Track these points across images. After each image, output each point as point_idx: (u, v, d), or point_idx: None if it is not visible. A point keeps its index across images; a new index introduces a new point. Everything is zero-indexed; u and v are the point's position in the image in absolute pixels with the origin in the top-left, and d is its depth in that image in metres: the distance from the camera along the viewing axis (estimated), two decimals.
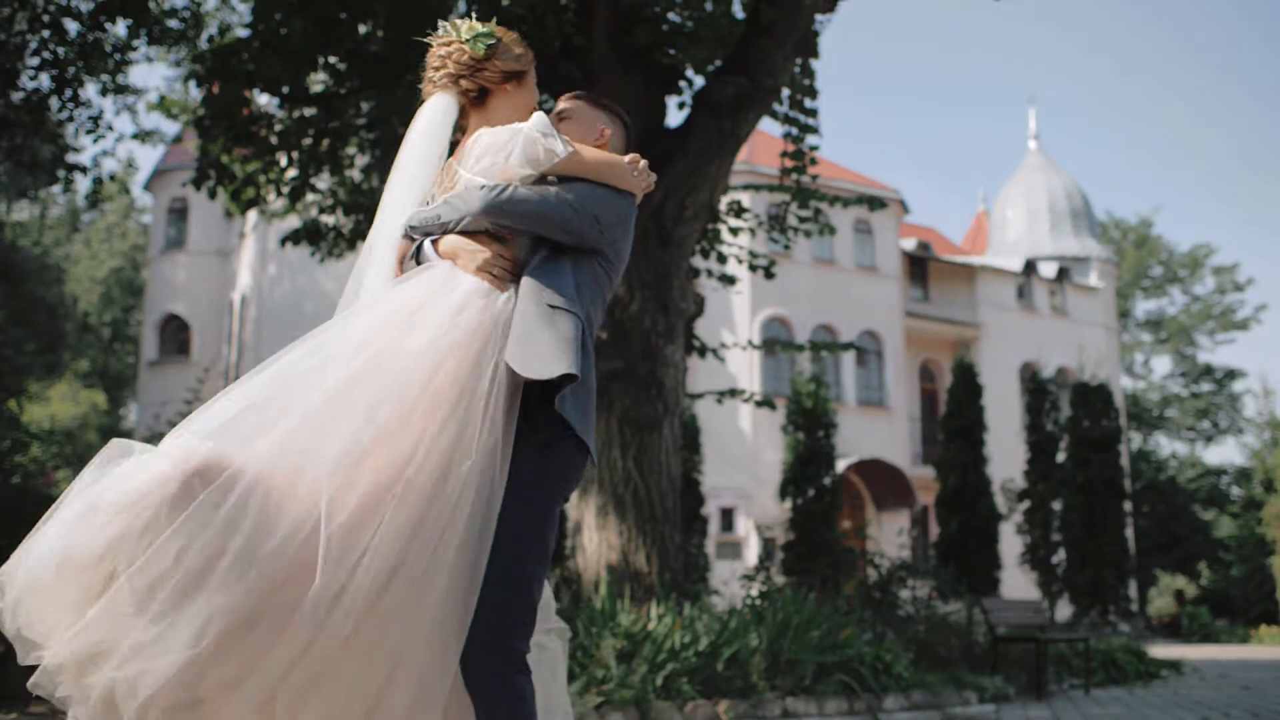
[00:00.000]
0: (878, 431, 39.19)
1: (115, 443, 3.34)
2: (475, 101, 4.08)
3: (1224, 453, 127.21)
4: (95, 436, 46.57)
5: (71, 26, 14.78)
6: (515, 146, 3.80)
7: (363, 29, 13.30)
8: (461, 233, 3.81)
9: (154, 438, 16.83)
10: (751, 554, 34.24)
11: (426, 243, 3.89)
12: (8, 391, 18.68)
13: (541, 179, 3.86)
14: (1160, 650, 22.01)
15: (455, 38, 4.10)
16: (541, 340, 3.56)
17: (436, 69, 4.12)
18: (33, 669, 3.09)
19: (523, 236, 3.81)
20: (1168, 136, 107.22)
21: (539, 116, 3.89)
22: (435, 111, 4.07)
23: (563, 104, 4.25)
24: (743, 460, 35.23)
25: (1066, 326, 45.69)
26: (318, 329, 3.64)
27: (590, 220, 3.79)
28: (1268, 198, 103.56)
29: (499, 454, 3.49)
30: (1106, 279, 48.47)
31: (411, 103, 11.59)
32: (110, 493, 3.16)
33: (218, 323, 40.82)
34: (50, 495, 17.51)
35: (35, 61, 14.82)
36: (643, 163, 3.93)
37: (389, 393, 3.42)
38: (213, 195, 14.52)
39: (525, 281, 3.70)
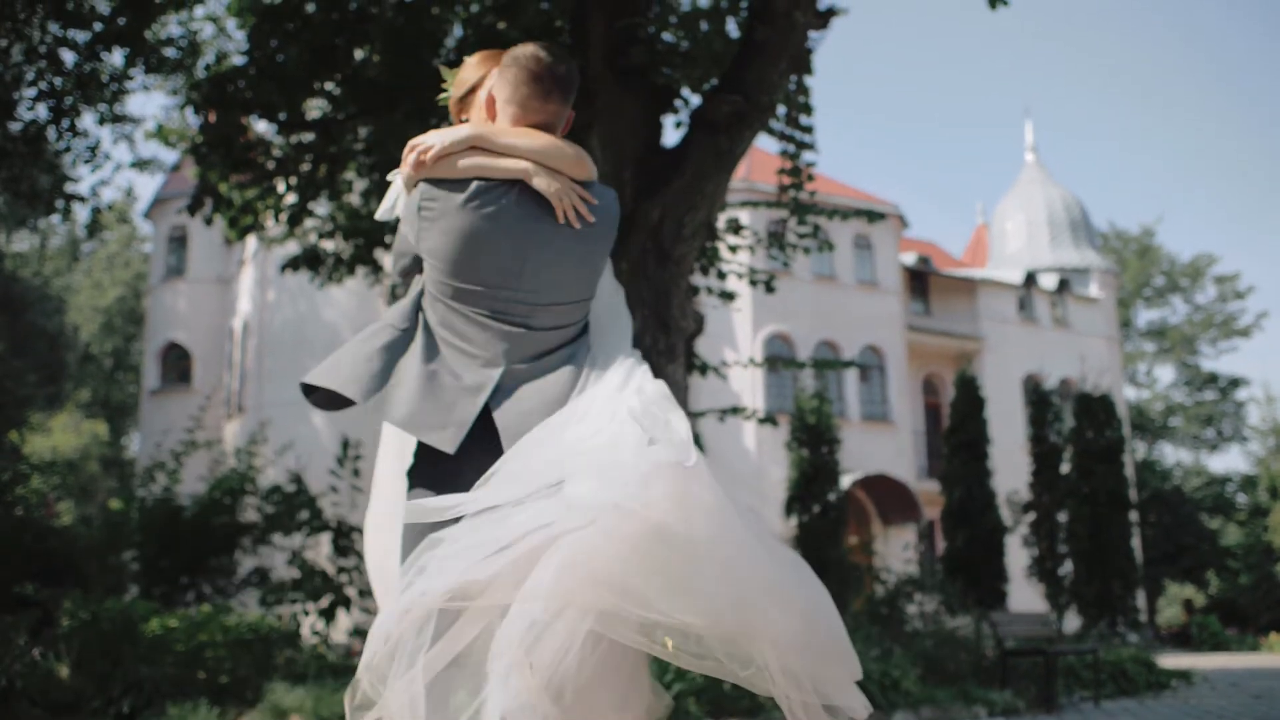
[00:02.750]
0: (882, 446, 39.16)
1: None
2: None
3: (1229, 460, 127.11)
4: (97, 467, 46.63)
5: (68, 57, 14.82)
6: None
7: (359, 55, 13.33)
8: None
9: (155, 467, 16.82)
10: None
11: None
12: (9, 423, 18.67)
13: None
14: (1170, 660, 21.96)
15: (444, 82, 4.15)
16: None
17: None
18: None
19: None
20: (1168, 145, 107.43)
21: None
22: None
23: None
24: (747, 478, 35.17)
25: (1068, 338, 45.69)
26: None
27: (403, 236, 3.78)
28: (1268, 204, 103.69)
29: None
30: (1107, 289, 48.49)
31: (409, 128, 11.60)
32: None
33: (219, 350, 40.82)
34: (51, 527, 17.51)
35: (32, 92, 14.86)
36: (415, 148, 3.71)
37: None
38: (209, 221, 14.52)
39: None
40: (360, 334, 3.72)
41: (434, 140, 3.66)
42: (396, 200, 3.91)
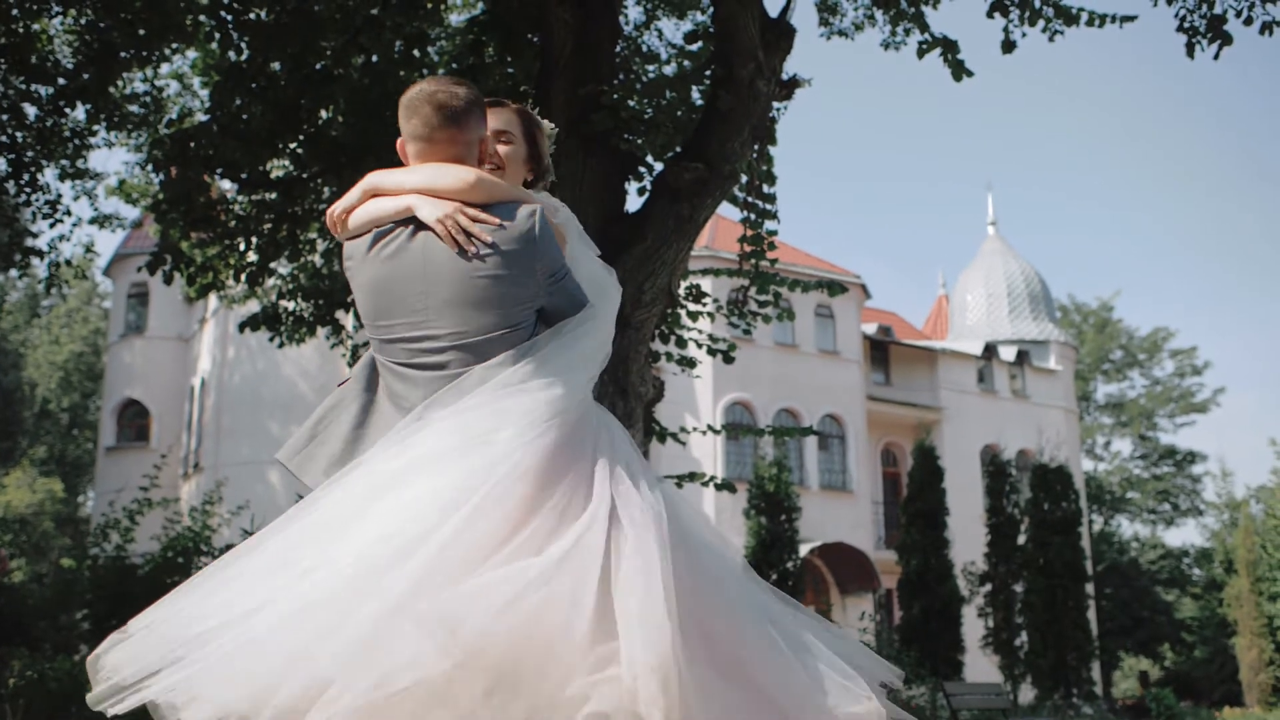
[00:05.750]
0: (840, 515, 39.16)
1: None
2: None
3: (1185, 534, 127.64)
4: (51, 525, 46.15)
5: (30, 111, 14.76)
6: None
7: (323, 115, 13.34)
8: None
9: (109, 525, 16.65)
10: None
11: None
12: None
13: None
14: None
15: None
16: None
17: None
18: None
19: None
20: (1127, 221, 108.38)
21: None
22: None
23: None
24: None
25: (1026, 409, 45.89)
26: None
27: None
28: (1224, 282, 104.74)
29: None
30: (1065, 362, 48.79)
31: None
32: None
33: (177, 408, 40.59)
34: (1, 584, 17.31)
35: None
36: (329, 215, 3.69)
37: None
38: (169, 280, 14.44)
39: None
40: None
41: (340, 202, 3.62)
42: None
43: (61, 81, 14.36)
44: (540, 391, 3.35)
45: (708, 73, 11.72)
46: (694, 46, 12.66)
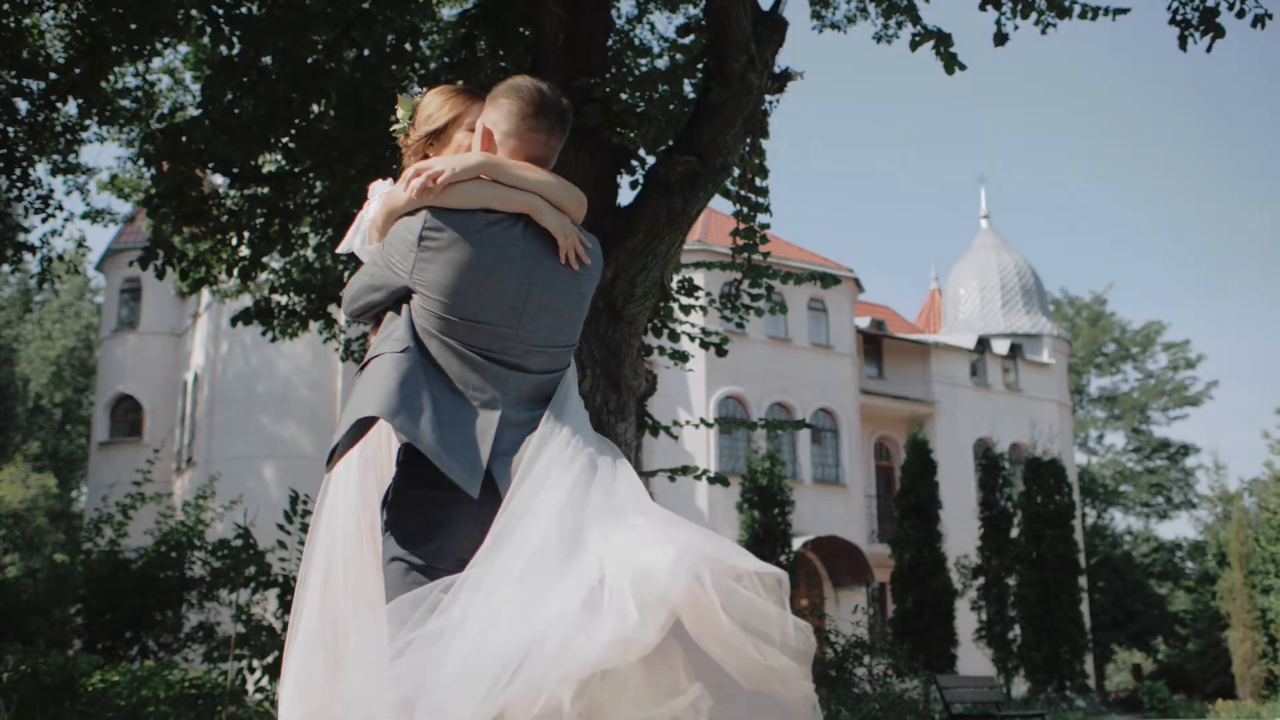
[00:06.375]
0: (834, 509, 39.18)
1: None
2: None
3: (1178, 527, 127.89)
4: (44, 519, 46.14)
5: (22, 105, 14.74)
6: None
7: (315, 109, 13.32)
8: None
9: (102, 520, 16.65)
10: None
11: None
12: None
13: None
14: None
15: (397, 121, 3.97)
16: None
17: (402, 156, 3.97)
18: None
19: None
20: (1120, 214, 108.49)
21: (373, 187, 3.82)
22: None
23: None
24: None
25: (1019, 403, 45.92)
26: None
27: (384, 269, 3.57)
28: (1217, 276, 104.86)
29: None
30: (1058, 355, 48.82)
31: (364, 183, 11.60)
32: None
33: (170, 403, 40.52)
34: None
35: None
36: (422, 173, 3.53)
37: None
38: (160, 275, 14.42)
39: None
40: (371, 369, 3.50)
41: (443, 165, 3.51)
42: (366, 232, 3.81)
43: (53, 76, 14.32)
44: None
45: (700, 66, 11.71)
46: (686, 40, 12.63)
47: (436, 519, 3.37)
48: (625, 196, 11.30)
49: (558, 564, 3.10)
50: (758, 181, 11.88)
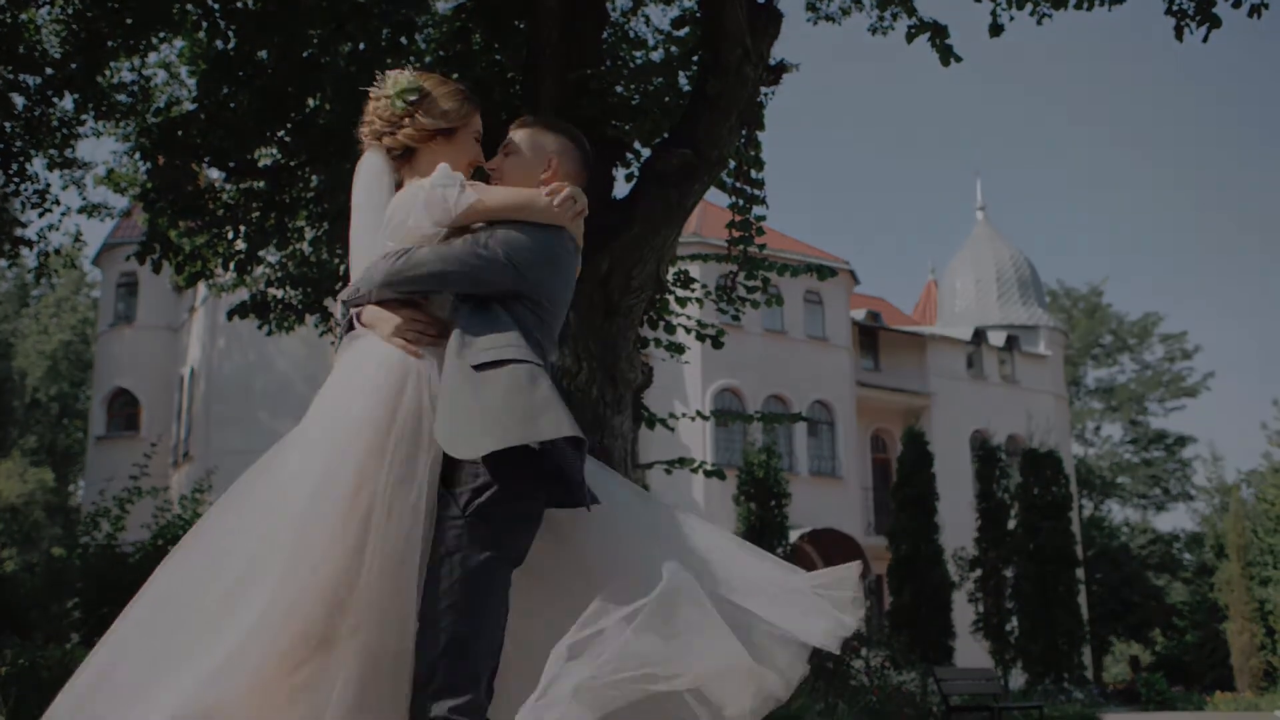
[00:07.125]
0: (830, 501, 39.19)
1: None
2: (400, 158, 3.94)
3: (1175, 519, 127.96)
4: (42, 514, 46.14)
5: (18, 100, 14.73)
6: (416, 204, 3.70)
7: (311, 103, 13.30)
8: (379, 301, 3.72)
9: (99, 514, 16.65)
10: None
11: (354, 315, 3.80)
12: None
13: (466, 229, 3.73)
14: (1116, 718, 21.99)
15: (383, 92, 3.96)
16: (466, 411, 3.45)
17: (366, 124, 4.01)
18: None
19: (439, 295, 3.71)
20: (1116, 206, 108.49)
21: (442, 168, 3.77)
22: (365, 173, 3.97)
23: (510, 133, 4.09)
24: None
25: (1016, 394, 45.93)
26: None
27: (503, 266, 3.63)
28: (1214, 267, 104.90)
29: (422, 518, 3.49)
30: (1055, 347, 48.82)
31: None
32: None
33: (167, 398, 40.51)
34: None
35: None
36: (567, 190, 3.79)
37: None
38: (157, 269, 14.41)
39: (451, 340, 3.60)
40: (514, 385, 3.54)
41: (577, 194, 3.88)
42: (443, 208, 3.74)
43: (49, 71, 14.32)
44: None
45: (695, 59, 11.71)
46: (681, 32, 12.62)
47: (524, 513, 3.58)
48: (621, 189, 11.31)
49: None
50: (753, 174, 11.87)
